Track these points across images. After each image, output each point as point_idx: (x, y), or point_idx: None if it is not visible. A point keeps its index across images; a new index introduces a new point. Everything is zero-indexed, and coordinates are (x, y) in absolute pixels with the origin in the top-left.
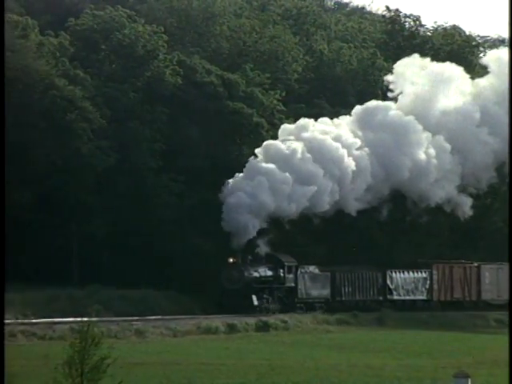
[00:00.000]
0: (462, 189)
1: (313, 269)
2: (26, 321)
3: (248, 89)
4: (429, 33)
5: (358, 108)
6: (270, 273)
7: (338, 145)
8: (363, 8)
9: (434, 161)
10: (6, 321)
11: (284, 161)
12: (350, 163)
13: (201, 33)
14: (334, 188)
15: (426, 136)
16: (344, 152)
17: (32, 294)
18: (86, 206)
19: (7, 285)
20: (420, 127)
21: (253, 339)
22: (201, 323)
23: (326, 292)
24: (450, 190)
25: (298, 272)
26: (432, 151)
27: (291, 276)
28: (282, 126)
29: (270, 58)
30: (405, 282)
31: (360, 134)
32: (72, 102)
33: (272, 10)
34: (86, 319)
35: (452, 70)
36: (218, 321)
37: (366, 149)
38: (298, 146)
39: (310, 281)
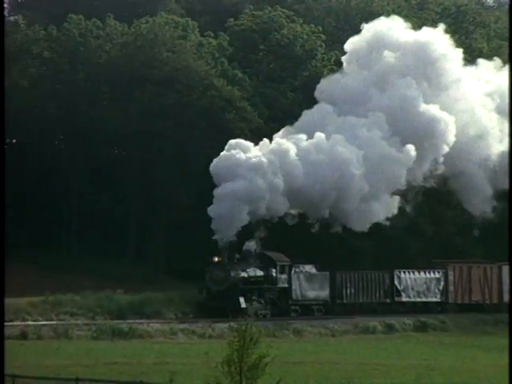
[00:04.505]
0: None
1: (309, 268)
2: (185, 319)
3: None
4: None
5: None
6: (260, 273)
7: None
8: None
9: None
10: (164, 320)
11: None
12: None
13: (359, 32)
14: None
15: None
16: None
17: (192, 293)
18: None
19: (167, 283)
20: None
21: (411, 339)
22: (358, 323)
23: (325, 294)
24: None
25: (292, 272)
26: None
27: (284, 276)
28: None
29: None
30: (415, 282)
31: None
32: (230, 101)
33: (430, 9)
34: (244, 318)
35: None
36: (375, 321)
37: None
38: None
39: (306, 281)
